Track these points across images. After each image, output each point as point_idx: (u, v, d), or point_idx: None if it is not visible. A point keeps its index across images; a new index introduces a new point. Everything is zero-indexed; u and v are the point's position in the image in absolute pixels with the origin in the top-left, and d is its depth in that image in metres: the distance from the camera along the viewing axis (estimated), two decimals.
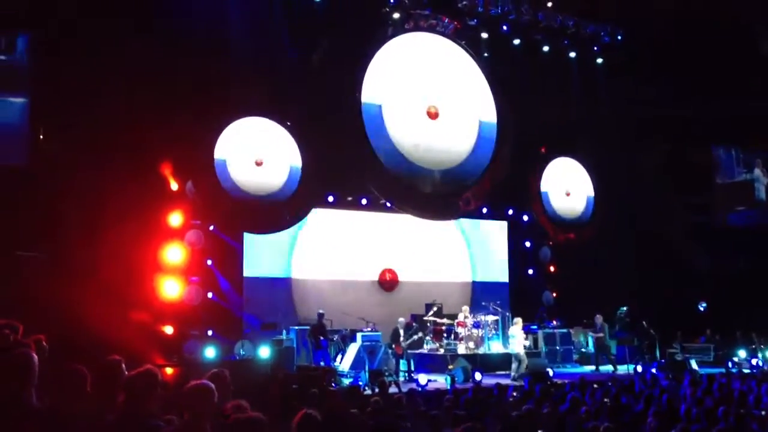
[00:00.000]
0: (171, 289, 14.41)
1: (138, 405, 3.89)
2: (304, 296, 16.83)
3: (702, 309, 19.75)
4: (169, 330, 14.12)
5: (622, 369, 16.31)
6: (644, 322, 17.55)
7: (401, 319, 15.38)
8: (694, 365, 15.83)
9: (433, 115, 17.60)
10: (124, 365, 4.37)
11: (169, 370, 12.18)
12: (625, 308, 18.55)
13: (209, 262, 15.54)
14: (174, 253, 14.55)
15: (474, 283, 19.89)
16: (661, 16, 19.14)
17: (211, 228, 15.59)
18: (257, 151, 15.66)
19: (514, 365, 14.97)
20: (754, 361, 17.08)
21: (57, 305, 11.05)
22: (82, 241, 12.50)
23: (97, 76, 12.69)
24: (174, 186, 14.74)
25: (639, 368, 15.60)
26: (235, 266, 16.31)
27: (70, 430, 3.86)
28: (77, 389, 4.07)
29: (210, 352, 13.59)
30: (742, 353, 18.00)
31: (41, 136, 13.48)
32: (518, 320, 15.68)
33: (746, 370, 15.56)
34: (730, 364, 16.62)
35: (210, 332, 14.73)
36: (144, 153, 13.40)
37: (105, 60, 12.73)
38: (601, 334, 17.15)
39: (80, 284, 11.73)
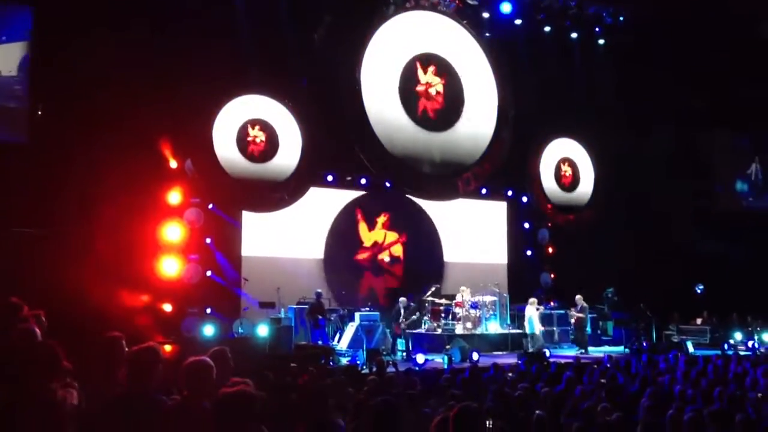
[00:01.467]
0: (170, 267, 14.45)
1: (141, 381, 3.93)
2: (300, 275, 16.81)
3: (699, 291, 19.81)
4: (167, 308, 14.18)
5: (619, 350, 16.43)
6: (641, 305, 17.64)
7: (402, 299, 15.43)
8: (690, 347, 15.91)
9: (434, 96, 17.56)
10: (124, 342, 4.40)
11: (167, 348, 12.24)
12: (611, 288, 18.67)
13: (208, 241, 15.54)
14: (173, 231, 14.57)
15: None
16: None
17: (210, 206, 15.57)
18: (256, 129, 15.61)
19: (529, 343, 15.41)
20: (750, 344, 17.18)
21: (55, 282, 11.07)
22: (81, 218, 12.52)
23: (97, 53, 12.60)
24: (173, 164, 14.72)
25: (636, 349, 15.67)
26: (234, 245, 16.31)
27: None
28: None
29: (208, 330, 13.65)
30: (738, 335, 18.10)
31: (39, 113, 13.42)
32: (533, 300, 16.05)
33: (742, 353, 15.64)
34: (726, 346, 16.71)
35: (208, 310, 14.78)
36: (143, 131, 13.36)
37: (104, 38, 12.63)
38: (581, 315, 16.97)
39: (78, 261, 11.76)
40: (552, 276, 20.23)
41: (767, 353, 14.86)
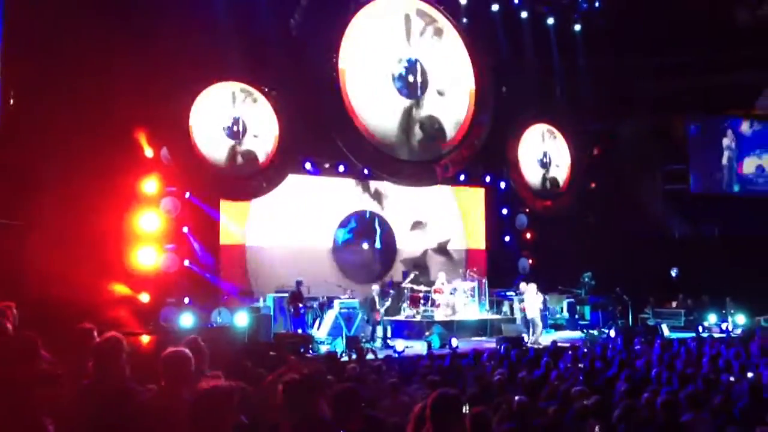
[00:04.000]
0: (147, 257, 14.31)
1: (106, 370, 3.93)
2: (279, 264, 16.76)
3: (674, 275, 20.06)
4: (145, 298, 14.06)
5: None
6: (617, 288, 17.85)
7: (375, 286, 15.46)
8: (665, 330, 16.12)
9: (412, 82, 17.55)
10: (95, 333, 4.37)
11: (145, 338, 12.16)
12: (589, 273, 18.86)
13: (185, 230, 15.43)
14: (150, 221, 14.41)
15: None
16: None
17: (187, 195, 15.45)
18: (233, 117, 15.50)
19: (530, 330, 15.30)
20: (723, 326, 17.45)
21: (29, 273, 10.94)
22: (55, 208, 12.34)
23: (72, 41, 12.41)
24: (149, 152, 14.55)
25: (612, 333, 15.84)
26: (212, 233, 16.22)
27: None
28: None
29: (186, 320, 13.56)
30: (712, 318, 18.37)
31: (11, 101, 13.19)
32: (532, 286, 15.84)
33: (716, 335, 15.88)
34: (700, 329, 16.96)
35: (186, 300, 14.69)
36: (118, 119, 13.19)
37: (79, 24, 12.42)
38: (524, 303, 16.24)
39: (53, 252, 11.59)
40: (530, 261, 20.36)
41: (741, 335, 15.10)
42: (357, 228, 18.51)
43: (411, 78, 17.55)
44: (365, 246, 18.44)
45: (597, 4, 20.51)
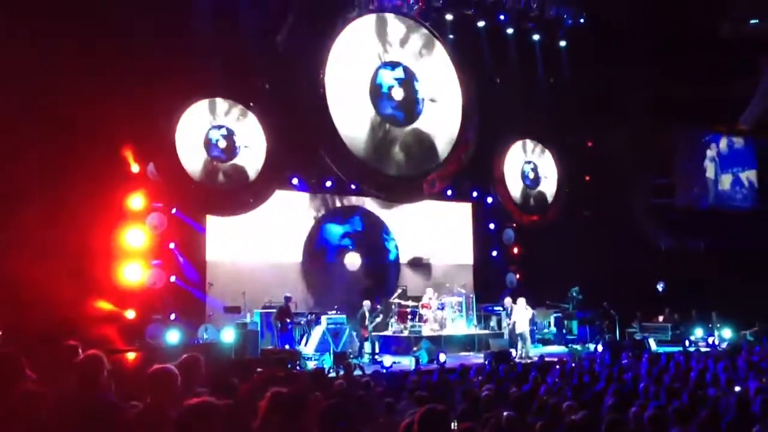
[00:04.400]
0: (133, 273, 14.20)
1: (89, 387, 3.89)
2: (266, 279, 16.68)
3: (660, 289, 20.14)
4: (130, 314, 13.94)
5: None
6: (605, 303, 17.90)
7: (367, 302, 15.41)
8: (653, 344, 16.15)
9: (399, 98, 17.63)
10: (80, 350, 4.33)
11: (131, 355, 12.05)
12: (576, 287, 18.93)
13: (172, 246, 15.34)
14: (136, 237, 14.32)
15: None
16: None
17: (174, 211, 15.38)
18: (221, 133, 15.49)
19: (519, 344, 15.25)
20: (710, 340, 17.52)
21: (15, 289, 10.83)
22: (41, 224, 12.24)
23: (57, 55, 12.36)
24: (135, 168, 14.49)
25: (599, 347, 15.86)
26: (199, 249, 16.12)
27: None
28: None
29: (172, 337, 13.46)
30: (698, 332, 18.44)
31: None
32: (521, 300, 15.84)
33: (703, 349, 15.94)
34: (687, 343, 17.01)
35: (173, 316, 14.58)
36: (104, 135, 13.13)
37: (64, 39, 12.39)
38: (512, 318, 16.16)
39: (39, 268, 11.49)
40: (517, 276, 20.39)
41: (727, 349, 15.16)
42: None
43: (397, 95, 17.63)
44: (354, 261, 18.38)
45: (582, 20, 20.72)
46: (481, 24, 19.56)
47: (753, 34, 21.82)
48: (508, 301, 16.73)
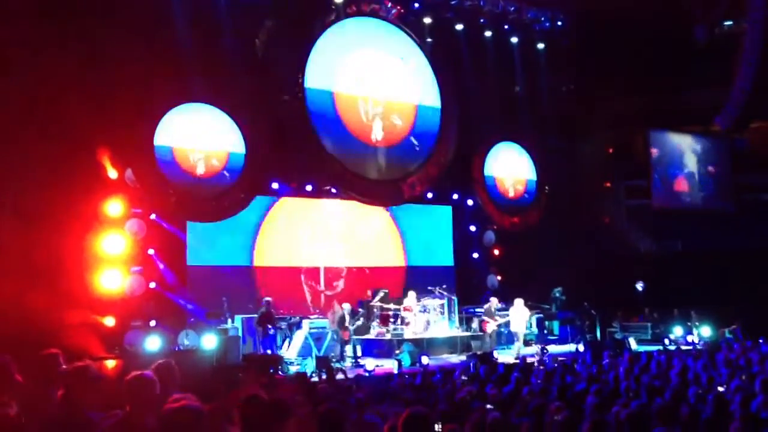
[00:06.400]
0: (111, 279, 14.03)
1: (76, 401, 3.81)
2: (246, 284, 16.60)
3: (640, 289, 20.32)
4: (109, 322, 13.77)
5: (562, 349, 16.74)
6: (585, 303, 18.03)
7: (346, 305, 15.38)
8: (633, 343, 16.28)
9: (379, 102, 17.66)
10: (61, 359, 4.27)
11: (109, 363, 11.91)
12: (559, 288, 19.08)
13: (151, 252, 15.20)
14: (114, 243, 14.15)
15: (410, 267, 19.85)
16: (601, 4, 19.47)
17: (153, 217, 15.24)
18: (200, 138, 15.37)
19: (516, 344, 15.72)
20: (689, 338, 17.69)
21: None
22: (16, 231, 12.07)
23: (33, 59, 12.22)
24: (113, 174, 14.33)
25: (580, 347, 15.96)
26: (179, 255, 15.99)
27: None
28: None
29: (152, 343, 13.32)
30: (678, 330, 18.61)
31: None
32: (518, 301, 16.15)
33: (683, 347, 16.08)
34: (666, 341, 17.16)
35: (153, 323, 14.43)
36: (80, 141, 12.97)
37: (39, 47, 12.24)
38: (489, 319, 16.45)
39: (15, 275, 11.33)
40: (499, 278, 20.46)
41: (706, 347, 15.30)
42: None
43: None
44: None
45: (559, 23, 20.87)
46: (459, 27, 19.62)
47: (727, 35, 22.16)
48: (495, 301, 16.90)
